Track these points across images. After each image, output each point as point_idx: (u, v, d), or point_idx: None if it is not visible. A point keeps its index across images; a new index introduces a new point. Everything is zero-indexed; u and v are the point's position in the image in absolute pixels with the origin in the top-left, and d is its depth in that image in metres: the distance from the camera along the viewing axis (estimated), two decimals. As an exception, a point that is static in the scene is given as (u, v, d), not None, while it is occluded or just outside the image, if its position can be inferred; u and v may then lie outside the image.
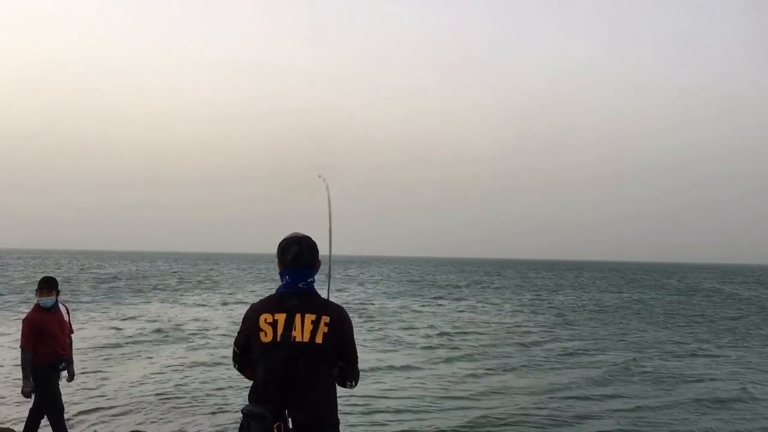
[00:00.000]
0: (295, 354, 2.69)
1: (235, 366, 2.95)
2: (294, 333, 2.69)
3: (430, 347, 16.42)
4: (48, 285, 6.12)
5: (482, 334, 19.40)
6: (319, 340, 2.70)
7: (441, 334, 19.19)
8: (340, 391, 2.88)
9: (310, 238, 2.93)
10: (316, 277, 2.93)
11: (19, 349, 6.09)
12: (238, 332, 2.88)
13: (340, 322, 2.77)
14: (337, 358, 2.79)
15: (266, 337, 2.71)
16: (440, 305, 30.50)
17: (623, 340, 18.59)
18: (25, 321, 6.12)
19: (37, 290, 6.14)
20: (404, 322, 22.36)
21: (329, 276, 4.19)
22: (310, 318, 2.72)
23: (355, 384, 2.92)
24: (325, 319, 2.73)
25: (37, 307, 6.11)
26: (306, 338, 2.69)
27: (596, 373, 12.96)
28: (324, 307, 2.79)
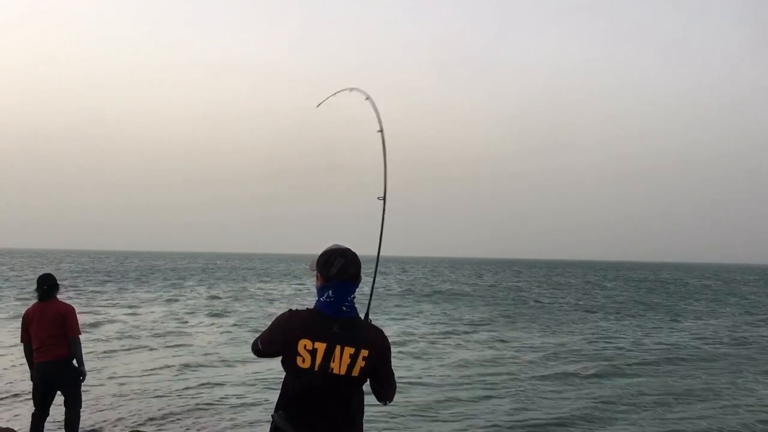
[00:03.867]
0: (331, 384, 2.69)
1: (254, 352, 2.91)
2: (332, 365, 2.68)
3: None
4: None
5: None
6: (355, 373, 2.70)
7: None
8: None
9: (353, 251, 2.84)
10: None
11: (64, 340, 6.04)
12: (267, 335, 2.82)
13: (378, 354, 2.75)
14: (372, 379, 2.81)
15: (304, 363, 2.69)
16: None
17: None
18: (74, 312, 6.19)
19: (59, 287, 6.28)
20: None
21: (377, 264, 3.58)
22: (349, 351, 2.68)
23: (390, 402, 2.92)
24: (364, 353, 2.70)
25: None
26: (343, 371, 2.68)
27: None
28: (364, 337, 2.74)
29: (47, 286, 6.12)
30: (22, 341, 6.17)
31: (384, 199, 3.49)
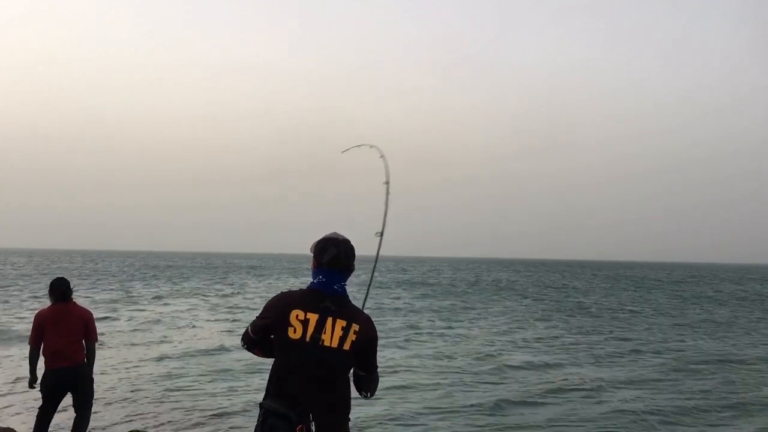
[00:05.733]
0: (322, 357, 2.71)
1: (242, 344, 2.96)
2: (324, 336, 2.72)
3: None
4: None
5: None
6: (346, 347, 2.73)
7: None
8: None
9: (349, 242, 2.93)
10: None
11: (87, 345, 6.02)
12: (258, 317, 2.88)
13: (368, 332, 2.80)
14: (357, 365, 2.84)
15: (295, 333, 2.72)
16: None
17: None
18: (93, 317, 6.20)
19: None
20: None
21: (369, 285, 3.91)
22: (341, 324, 2.73)
23: (371, 395, 2.93)
24: (355, 327, 2.75)
25: None
26: (335, 344, 2.72)
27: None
28: (355, 314, 2.81)
29: (65, 288, 5.96)
30: (31, 343, 5.90)
31: (381, 234, 3.84)
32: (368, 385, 2.89)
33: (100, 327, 7.04)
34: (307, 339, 2.71)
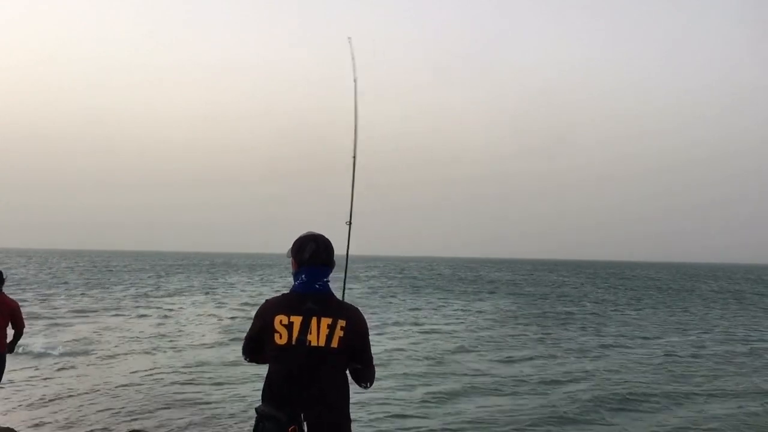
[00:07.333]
0: (311, 358, 2.68)
1: (244, 357, 2.95)
2: (310, 337, 2.69)
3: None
4: None
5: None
6: (334, 344, 2.69)
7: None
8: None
9: (325, 237, 2.91)
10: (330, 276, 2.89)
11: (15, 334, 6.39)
12: (251, 327, 2.87)
13: (355, 326, 2.76)
14: (352, 359, 2.80)
15: (281, 339, 2.70)
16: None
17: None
18: (20, 307, 6.53)
19: None
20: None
21: (345, 273, 3.96)
22: (326, 322, 2.70)
23: (370, 385, 2.92)
24: (342, 323, 2.71)
25: None
26: (322, 343, 2.69)
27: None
28: (340, 310, 2.77)
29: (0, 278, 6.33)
30: None
31: (350, 224, 3.84)
32: (366, 377, 2.87)
33: (96, 324, 7.06)
34: (293, 342, 2.69)
